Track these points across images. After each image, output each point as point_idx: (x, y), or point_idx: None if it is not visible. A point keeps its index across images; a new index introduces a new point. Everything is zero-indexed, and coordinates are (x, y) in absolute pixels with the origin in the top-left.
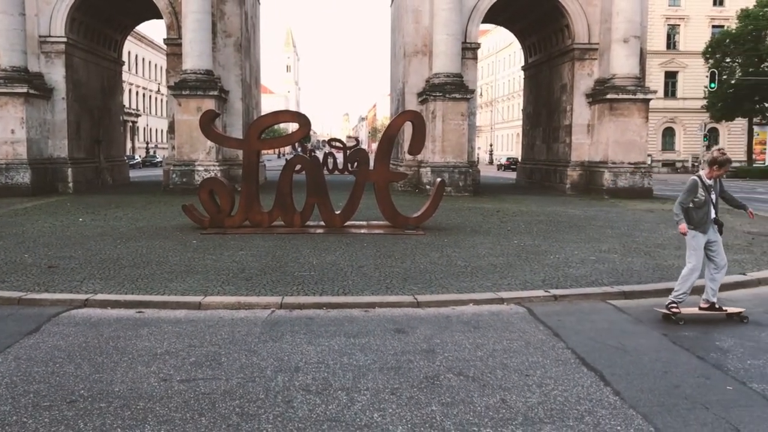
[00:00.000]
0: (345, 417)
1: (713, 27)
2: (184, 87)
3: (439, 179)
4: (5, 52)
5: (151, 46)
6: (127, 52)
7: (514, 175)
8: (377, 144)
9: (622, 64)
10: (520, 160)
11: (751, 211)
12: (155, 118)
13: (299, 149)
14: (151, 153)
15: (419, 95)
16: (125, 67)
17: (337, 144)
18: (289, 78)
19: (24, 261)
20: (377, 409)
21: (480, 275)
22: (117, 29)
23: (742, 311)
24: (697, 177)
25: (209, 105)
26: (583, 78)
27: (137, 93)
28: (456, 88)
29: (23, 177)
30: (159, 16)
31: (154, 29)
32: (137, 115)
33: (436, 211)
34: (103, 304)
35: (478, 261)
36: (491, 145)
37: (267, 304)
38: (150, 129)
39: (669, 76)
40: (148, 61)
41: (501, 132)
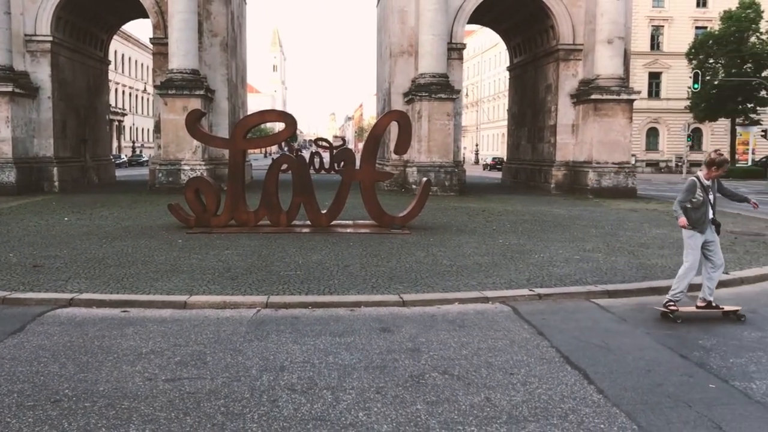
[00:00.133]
0: (330, 416)
1: (696, 28)
2: (170, 86)
3: (425, 179)
4: None
5: (138, 45)
6: (114, 51)
7: (499, 175)
8: (363, 144)
9: (606, 64)
10: (505, 160)
11: (755, 202)
12: (141, 117)
13: (286, 149)
14: (138, 152)
15: (405, 95)
16: (111, 66)
17: (324, 143)
18: (276, 78)
19: (8, 260)
20: (362, 408)
21: (465, 274)
22: (103, 28)
23: (738, 309)
24: (696, 178)
25: (195, 104)
26: (568, 78)
27: (123, 92)
28: (442, 88)
29: (8, 176)
30: (145, 15)
31: (140, 29)
32: (123, 115)
33: (422, 211)
34: (88, 303)
35: (463, 260)
36: (477, 145)
37: (252, 303)
38: (136, 128)
39: (653, 76)
40: (134, 61)
41: (486, 132)
